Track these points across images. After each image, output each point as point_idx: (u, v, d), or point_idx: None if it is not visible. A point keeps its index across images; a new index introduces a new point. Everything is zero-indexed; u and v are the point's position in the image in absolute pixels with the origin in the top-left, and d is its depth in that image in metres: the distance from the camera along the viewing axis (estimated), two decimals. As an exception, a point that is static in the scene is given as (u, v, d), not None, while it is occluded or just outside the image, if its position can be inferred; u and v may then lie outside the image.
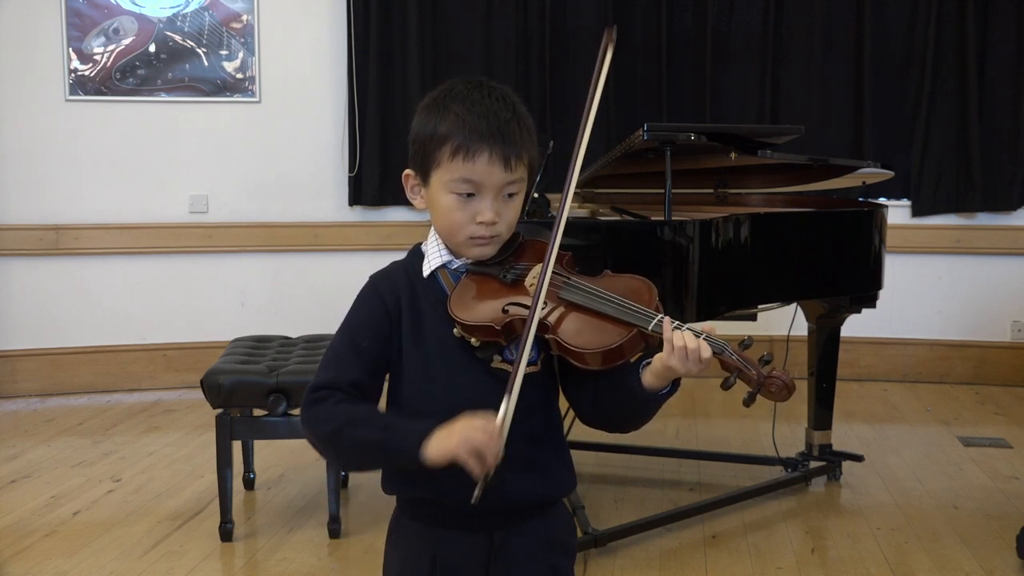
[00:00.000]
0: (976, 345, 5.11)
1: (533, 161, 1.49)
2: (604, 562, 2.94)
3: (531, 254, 1.51)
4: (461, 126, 1.42)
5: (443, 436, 1.35)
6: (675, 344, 1.34)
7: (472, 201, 1.44)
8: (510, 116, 1.44)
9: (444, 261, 1.50)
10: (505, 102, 1.46)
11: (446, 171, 1.44)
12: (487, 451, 1.32)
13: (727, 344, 1.35)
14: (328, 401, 1.43)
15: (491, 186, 1.43)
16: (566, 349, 1.39)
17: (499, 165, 1.42)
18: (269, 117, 5.06)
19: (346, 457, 1.49)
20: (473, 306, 1.44)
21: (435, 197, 1.47)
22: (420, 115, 1.48)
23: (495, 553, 1.49)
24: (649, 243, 2.88)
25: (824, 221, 3.41)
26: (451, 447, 1.33)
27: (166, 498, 3.49)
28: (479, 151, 1.41)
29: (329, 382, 1.45)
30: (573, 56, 5.14)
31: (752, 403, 1.34)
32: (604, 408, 1.47)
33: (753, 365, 1.34)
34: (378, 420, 1.42)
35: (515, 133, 1.44)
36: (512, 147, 1.43)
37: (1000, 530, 3.18)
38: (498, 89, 1.48)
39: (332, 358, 1.48)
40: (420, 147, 1.47)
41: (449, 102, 1.45)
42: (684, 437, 4.18)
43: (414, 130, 1.49)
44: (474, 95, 1.45)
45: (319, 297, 5.05)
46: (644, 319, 1.38)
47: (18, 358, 4.92)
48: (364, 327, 1.48)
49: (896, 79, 5.06)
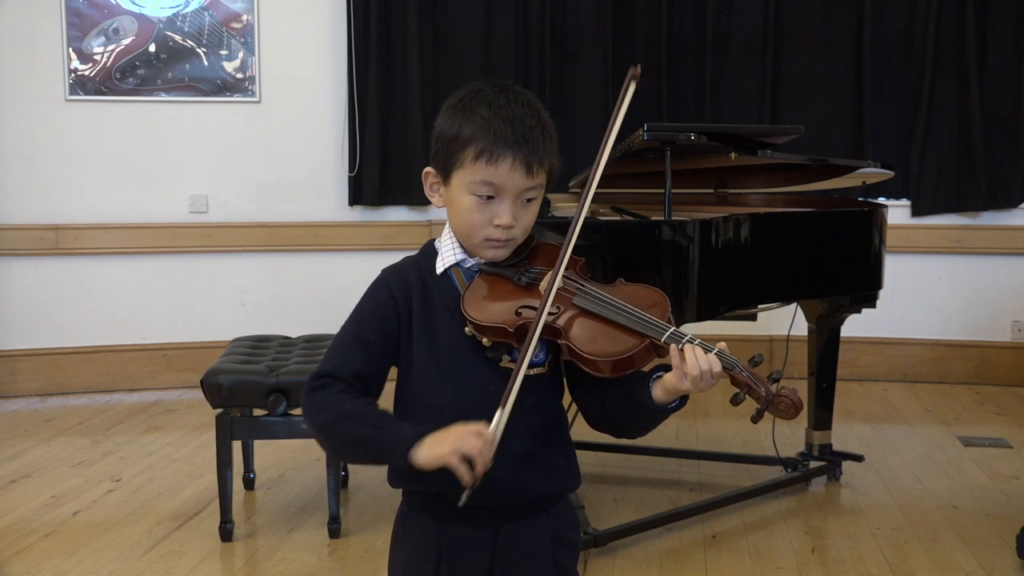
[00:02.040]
0: (976, 345, 5.11)
1: (553, 168, 1.51)
2: (604, 562, 2.94)
3: (545, 258, 1.53)
4: (486, 129, 1.44)
5: (435, 441, 1.37)
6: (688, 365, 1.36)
7: (491, 204, 1.46)
8: (534, 123, 1.46)
9: (458, 259, 1.52)
10: (530, 108, 1.48)
11: (468, 173, 1.45)
12: (477, 458, 1.33)
13: (738, 361, 1.38)
14: (328, 390, 1.45)
15: (511, 190, 1.45)
16: (578, 355, 1.41)
17: (521, 170, 1.44)
18: (269, 117, 5.06)
19: (338, 448, 1.52)
20: (486, 306, 1.45)
21: (454, 197, 1.48)
22: (445, 114, 1.50)
23: (501, 548, 1.51)
24: (649, 243, 2.88)
25: (824, 221, 3.41)
26: (442, 452, 1.35)
27: (166, 498, 3.49)
28: (503, 156, 1.43)
29: (331, 371, 1.46)
30: (573, 56, 5.14)
31: (759, 420, 1.37)
32: (612, 415, 1.50)
33: (763, 382, 1.37)
34: (373, 417, 1.43)
35: (539, 140, 1.46)
36: (535, 153, 1.45)
37: (1000, 530, 3.18)
38: (524, 95, 1.50)
39: (337, 347, 1.50)
40: (443, 146, 1.48)
41: (475, 104, 1.46)
42: (684, 437, 4.18)
43: (438, 128, 1.50)
44: (500, 99, 1.47)
45: (319, 297, 5.05)
46: (657, 331, 1.39)
47: (18, 358, 4.92)
48: (371, 320, 1.50)
49: (896, 79, 5.06)
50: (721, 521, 3.26)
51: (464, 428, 1.36)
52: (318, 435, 1.48)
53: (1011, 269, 5.05)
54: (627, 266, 2.84)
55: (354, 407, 1.43)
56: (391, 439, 1.40)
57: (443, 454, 1.34)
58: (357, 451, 1.48)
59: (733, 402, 1.40)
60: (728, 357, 1.37)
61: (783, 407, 1.36)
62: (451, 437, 1.35)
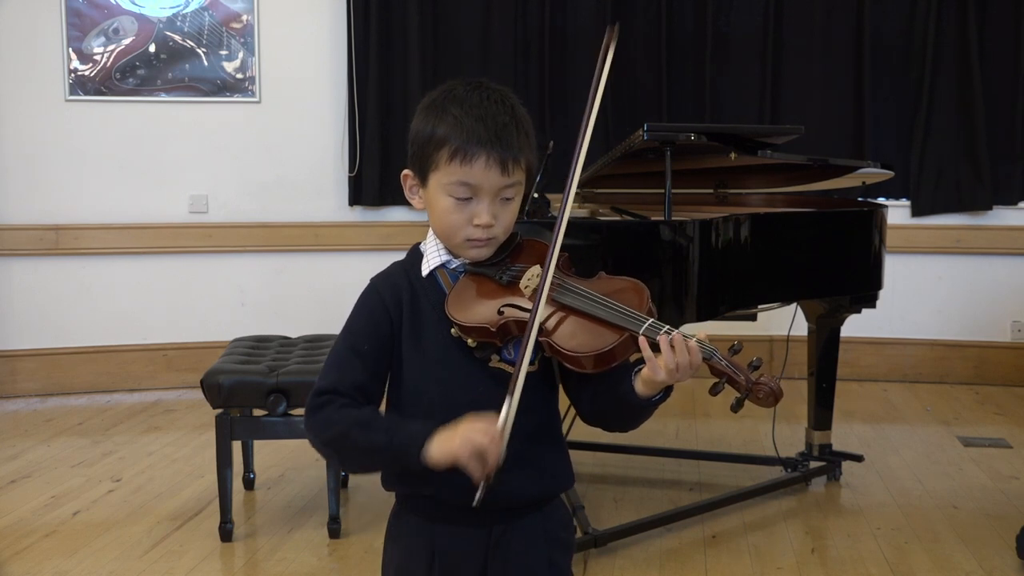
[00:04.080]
0: (976, 345, 5.11)
1: (531, 164, 1.49)
2: (604, 562, 2.94)
3: (528, 255, 1.52)
4: (459, 129, 1.42)
5: (445, 438, 1.36)
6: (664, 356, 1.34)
7: (469, 204, 1.44)
8: (508, 120, 1.44)
9: (443, 261, 1.51)
10: (504, 105, 1.46)
11: (444, 174, 1.44)
12: (488, 453, 1.33)
13: (716, 349, 1.36)
14: (331, 406, 1.44)
15: (488, 189, 1.44)
16: (559, 352, 1.41)
17: (496, 169, 1.42)
18: (269, 117, 5.06)
19: (350, 461, 1.51)
20: (469, 307, 1.45)
21: (433, 198, 1.47)
22: (419, 116, 1.48)
23: (494, 548, 1.50)
24: (649, 243, 2.88)
25: (824, 221, 3.41)
26: (453, 449, 1.34)
27: (166, 498, 3.49)
28: (476, 155, 1.42)
29: (331, 387, 1.46)
30: (573, 56, 5.14)
31: (740, 408, 1.35)
32: (601, 408, 1.49)
33: (741, 371, 1.35)
34: (381, 423, 1.43)
35: (513, 137, 1.44)
36: (509, 151, 1.43)
37: (1000, 530, 3.17)
38: (497, 91, 1.48)
39: (334, 362, 1.49)
40: (418, 149, 1.47)
41: (448, 104, 1.45)
42: (684, 437, 4.18)
43: (413, 131, 1.49)
44: (472, 97, 1.45)
45: (319, 297, 5.05)
46: (635, 323, 1.38)
47: (18, 358, 4.92)
48: (365, 330, 1.49)
49: (896, 79, 5.06)
50: (721, 521, 3.26)
51: (473, 424, 1.35)
52: (328, 451, 1.48)
53: (1011, 269, 5.05)
54: (627, 266, 2.84)
55: (360, 418, 1.43)
56: (404, 441, 1.39)
57: (454, 450, 1.34)
58: (370, 460, 1.47)
59: (712, 392, 1.38)
60: (707, 347, 1.35)
61: (762, 395, 1.34)
62: (461, 434, 1.34)
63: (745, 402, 1.36)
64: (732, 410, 1.35)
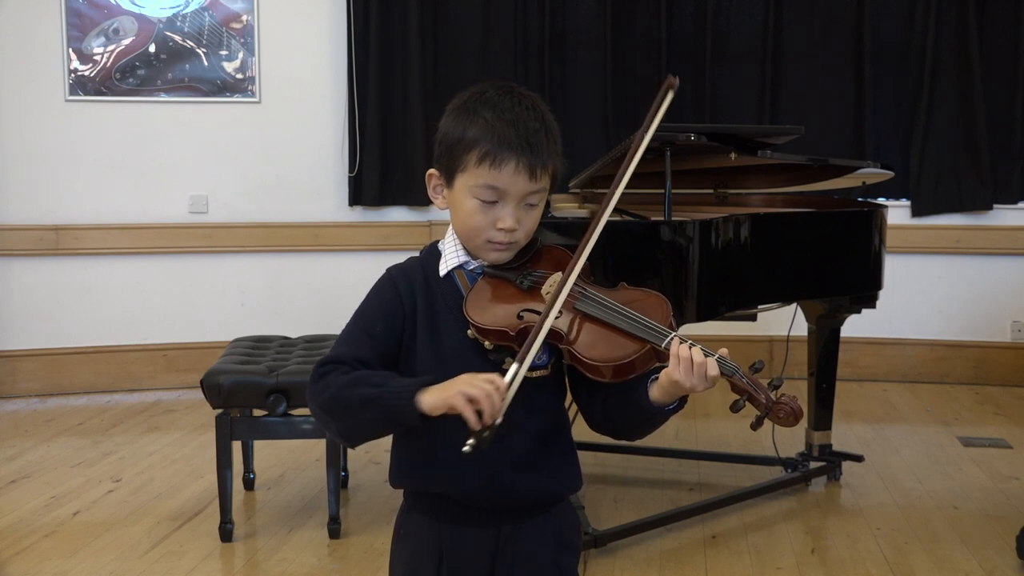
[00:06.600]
0: (976, 345, 5.11)
1: (557, 170, 1.50)
2: (604, 562, 2.94)
3: (548, 261, 1.53)
4: (490, 133, 1.43)
5: (441, 387, 1.35)
6: (680, 356, 1.35)
7: (494, 207, 1.45)
8: (538, 126, 1.45)
9: (461, 262, 1.52)
10: (535, 111, 1.47)
11: (472, 176, 1.45)
12: (485, 402, 1.30)
13: (739, 367, 1.37)
14: (332, 374, 1.44)
15: (515, 194, 1.45)
16: (579, 360, 1.41)
17: (524, 175, 1.43)
18: (269, 117, 5.06)
19: (346, 420, 1.44)
20: (488, 309, 1.45)
21: (458, 199, 1.48)
22: (449, 117, 1.49)
23: (501, 549, 1.51)
24: (649, 243, 2.87)
25: (824, 221, 3.41)
26: (448, 395, 1.32)
27: (166, 498, 3.49)
28: (506, 160, 1.42)
29: (336, 357, 1.45)
30: (572, 56, 5.14)
31: (759, 427, 1.36)
32: (613, 418, 1.50)
33: (763, 390, 1.36)
34: (373, 378, 1.41)
35: (542, 143, 1.45)
36: (538, 157, 1.44)
37: (1000, 530, 3.18)
38: (528, 97, 1.49)
39: (344, 339, 1.49)
40: (447, 149, 1.48)
41: (479, 107, 1.46)
42: (684, 437, 4.18)
43: (442, 131, 1.49)
44: (504, 102, 1.46)
45: (319, 297, 5.05)
46: (658, 336, 1.39)
47: (18, 358, 4.92)
48: (378, 316, 1.50)
49: (896, 79, 5.06)
50: (721, 521, 3.26)
51: (474, 374, 1.34)
52: (325, 416, 1.44)
53: (1011, 269, 5.05)
54: (627, 266, 2.84)
55: (354, 377, 1.42)
56: (395, 392, 1.37)
57: (449, 395, 1.32)
58: (365, 414, 1.40)
59: (733, 409, 1.39)
60: (728, 364, 1.36)
61: (783, 414, 1.35)
62: (459, 381, 1.33)
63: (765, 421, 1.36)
64: (752, 428, 1.36)
